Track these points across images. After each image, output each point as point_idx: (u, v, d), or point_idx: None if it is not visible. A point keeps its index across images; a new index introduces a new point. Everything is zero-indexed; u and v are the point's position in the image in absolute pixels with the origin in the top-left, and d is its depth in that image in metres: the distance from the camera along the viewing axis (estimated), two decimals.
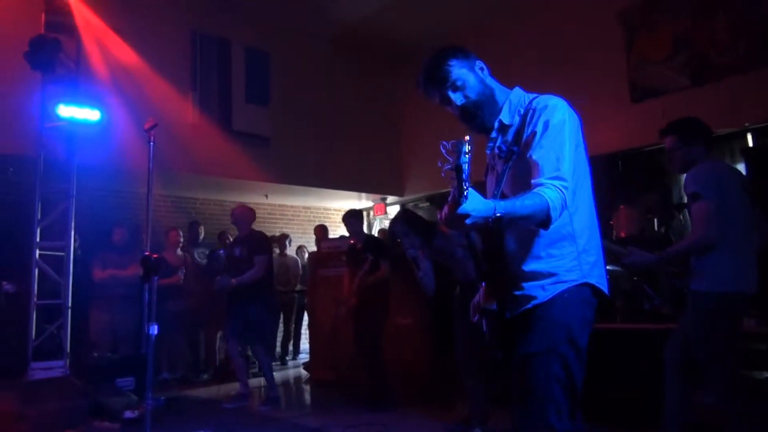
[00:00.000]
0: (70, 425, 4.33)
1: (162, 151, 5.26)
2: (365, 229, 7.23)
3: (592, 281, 1.74)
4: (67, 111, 4.96)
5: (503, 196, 1.70)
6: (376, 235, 8.10)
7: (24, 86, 5.06)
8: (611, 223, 4.51)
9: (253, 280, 5.05)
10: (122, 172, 6.01)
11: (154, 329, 3.35)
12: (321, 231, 7.65)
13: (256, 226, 8.24)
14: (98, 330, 5.69)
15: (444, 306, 4.22)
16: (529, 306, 1.72)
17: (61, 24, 5.13)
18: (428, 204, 8.31)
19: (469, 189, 1.41)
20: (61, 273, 5.09)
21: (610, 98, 5.86)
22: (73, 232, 5.18)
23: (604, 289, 1.78)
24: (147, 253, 3.43)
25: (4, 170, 5.50)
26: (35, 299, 4.94)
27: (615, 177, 5.73)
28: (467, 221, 1.43)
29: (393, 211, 9.18)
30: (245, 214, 5.42)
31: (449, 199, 1.43)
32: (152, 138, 3.68)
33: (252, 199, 8.29)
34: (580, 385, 1.70)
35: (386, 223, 9.02)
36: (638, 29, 5.80)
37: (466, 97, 1.82)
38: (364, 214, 9.29)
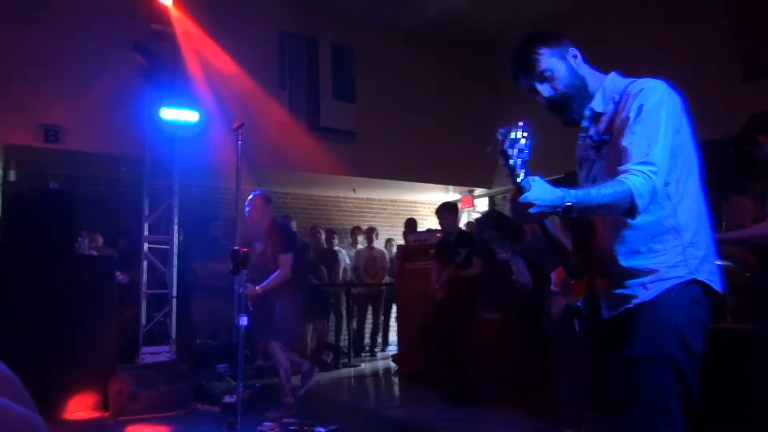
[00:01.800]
0: (177, 406, 4.64)
1: (254, 149, 5.47)
2: None
3: (701, 278, 1.59)
4: (169, 114, 5.29)
5: None
6: (463, 227, 7.98)
7: (131, 91, 5.45)
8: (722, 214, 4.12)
9: (280, 284, 4.41)
10: (218, 169, 6.30)
11: (244, 320, 3.49)
12: (411, 224, 7.63)
13: (345, 220, 8.63)
14: (199, 318, 6.03)
15: (534, 301, 4.06)
16: (630, 305, 1.61)
17: (162, 32, 5.47)
18: None
19: (535, 178, 1.38)
20: (166, 264, 5.46)
21: (718, 78, 5.37)
22: (176, 227, 5.53)
23: (717, 286, 1.62)
24: (236, 248, 3.57)
25: (118, 170, 5.98)
26: (145, 288, 5.33)
27: (724, 164, 5.24)
28: (532, 210, 1.39)
29: (481, 203, 9.00)
30: (258, 205, 4.53)
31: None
32: (240, 137, 3.82)
33: (340, 193, 8.51)
34: (696, 392, 1.57)
35: (474, 216, 8.84)
36: (751, 2, 5.27)
37: (554, 89, 1.71)
38: None
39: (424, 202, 9.25)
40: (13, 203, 5.26)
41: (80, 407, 4.54)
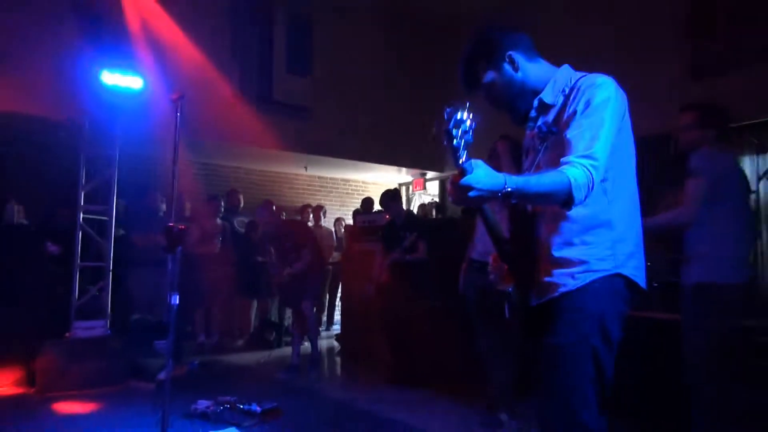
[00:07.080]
0: (109, 383, 4.52)
1: (199, 121, 5.29)
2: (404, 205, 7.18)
3: (626, 273, 1.65)
4: (111, 78, 5.03)
5: None
6: (414, 210, 8.05)
7: (71, 51, 5.12)
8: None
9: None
10: (161, 140, 6.05)
11: (176, 299, 3.39)
12: (368, 204, 7.62)
13: (295, 197, 8.51)
14: (137, 293, 5.86)
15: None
16: (556, 294, 1.65)
17: None
18: None
19: (478, 161, 1.38)
20: (103, 236, 5.25)
21: (666, 75, 5.53)
22: (115, 197, 5.31)
23: (640, 282, 1.68)
24: (170, 225, 3.44)
25: (55, 135, 5.66)
26: (78, 261, 5.11)
27: (665, 159, 5.42)
28: (471, 194, 1.39)
29: (432, 187, 9.06)
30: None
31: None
32: (179, 109, 3.68)
33: (291, 169, 8.39)
34: (610, 379, 1.63)
35: (426, 199, 8.92)
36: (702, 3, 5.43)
37: (496, 99, 1.81)
38: (403, 189, 9.23)
39: (375, 183, 9.25)
40: None
41: (2, 382, 4.36)
